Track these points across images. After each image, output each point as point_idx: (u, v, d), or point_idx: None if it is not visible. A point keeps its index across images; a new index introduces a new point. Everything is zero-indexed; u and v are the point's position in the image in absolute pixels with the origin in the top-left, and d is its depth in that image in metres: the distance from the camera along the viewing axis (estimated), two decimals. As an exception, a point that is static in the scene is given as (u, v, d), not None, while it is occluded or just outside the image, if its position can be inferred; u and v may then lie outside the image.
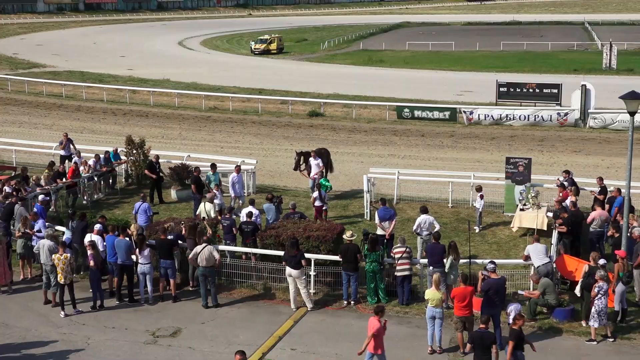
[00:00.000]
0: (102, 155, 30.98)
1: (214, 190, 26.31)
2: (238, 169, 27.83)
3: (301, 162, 29.68)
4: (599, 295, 18.08)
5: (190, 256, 20.56)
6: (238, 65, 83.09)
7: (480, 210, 25.89)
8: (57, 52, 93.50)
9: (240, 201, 27.50)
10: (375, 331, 16.01)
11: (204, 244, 20.40)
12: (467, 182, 28.88)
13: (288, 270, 19.94)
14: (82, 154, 31.16)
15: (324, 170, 29.16)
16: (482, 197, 25.75)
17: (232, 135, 44.66)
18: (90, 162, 30.47)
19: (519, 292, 19.65)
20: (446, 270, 19.65)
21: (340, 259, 20.34)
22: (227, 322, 19.59)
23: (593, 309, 18.12)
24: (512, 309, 17.94)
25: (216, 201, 25.66)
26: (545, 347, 17.68)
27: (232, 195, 27.52)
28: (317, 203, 26.18)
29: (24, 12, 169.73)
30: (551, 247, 21.30)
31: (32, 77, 66.43)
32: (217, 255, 20.43)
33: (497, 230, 26.09)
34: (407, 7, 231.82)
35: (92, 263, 20.26)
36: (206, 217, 23.25)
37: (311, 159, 29.00)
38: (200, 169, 28.65)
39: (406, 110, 49.01)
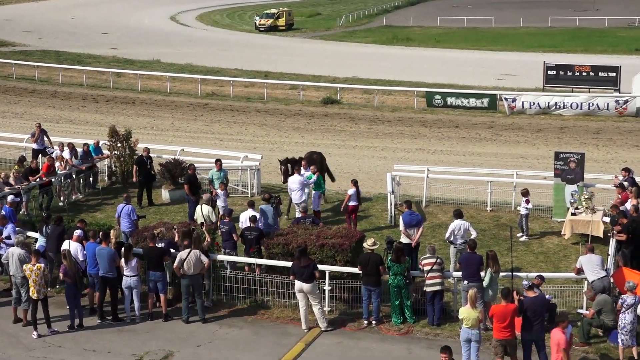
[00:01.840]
0: (80, 149, 31.02)
1: (218, 190, 26.32)
2: (306, 164, 27.41)
3: (290, 173, 29.20)
4: (623, 310, 18.12)
5: (175, 264, 20.61)
6: (240, 44, 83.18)
7: (525, 214, 25.76)
8: (29, 29, 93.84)
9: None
10: (564, 345, 16.17)
11: (188, 249, 20.47)
12: (509, 182, 28.78)
13: (298, 284, 19.93)
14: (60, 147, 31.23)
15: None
16: (528, 201, 25.63)
17: (233, 126, 44.71)
18: (65, 153, 30.50)
19: (579, 310, 19.60)
20: (484, 285, 19.62)
21: (360, 272, 20.33)
22: (227, 344, 19.61)
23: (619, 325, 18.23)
24: (562, 330, 17.92)
25: (220, 203, 25.67)
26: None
27: (298, 201, 26.39)
28: (352, 202, 26.14)
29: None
30: (608, 258, 21.19)
31: (0, 57, 66.70)
32: (205, 260, 20.51)
33: (544, 238, 26.00)
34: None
35: (61, 275, 20.33)
36: (204, 222, 23.29)
37: (302, 170, 28.33)
38: (196, 165, 28.66)
39: (437, 97, 48.91)
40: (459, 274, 20.22)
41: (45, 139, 33.31)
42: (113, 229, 22.09)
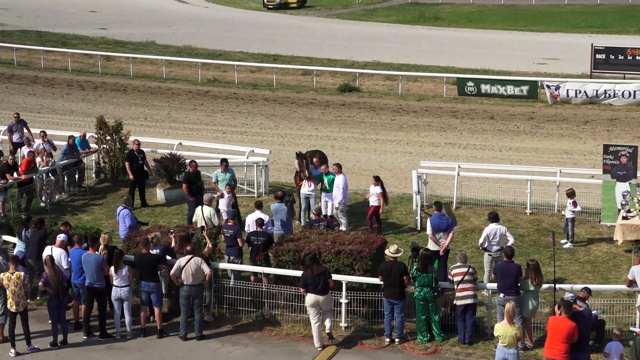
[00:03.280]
0: (63, 143, 31.07)
1: (224, 192, 26.31)
2: (337, 168, 27.39)
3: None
4: None
5: (172, 271, 20.63)
6: (246, 24, 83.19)
7: (571, 218, 25.67)
8: (6, 6, 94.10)
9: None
10: None
11: (188, 256, 20.48)
12: (551, 181, 28.74)
13: (312, 297, 19.90)
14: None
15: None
16: (575, 204, 25.52)
17: (237, 116, 44.75)
18: (36, 144, 30.48)
19: (631, 328, 19.53)
20: (531, 303, 19.56)
21: (381, 282, 20.35)
22: (230, 364, 19.68)
23: None
24: (612, 349, 17.84)
25: (222, 206, 25.63)
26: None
27: (339, 203, 26.68)
28: (375, 202, 26.18)
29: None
30: (664, 268, 21.14)
31: (-26, 38, 66.99)
32: (207, 269, 20.53)
33: (591, 245, 25.95)
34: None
35: (41, 284, 20.40)
36: (205, 226, 23.29)
37: (311, 168, 27.96)
38: (197, 162, 28.58)
39: (470, 83, 48.82)
40: (494, 285, 20.20)
41: (25, 130, 33.30)
42: (103, 234, 22.07)
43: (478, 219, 27.65)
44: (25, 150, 30.72)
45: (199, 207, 24.51)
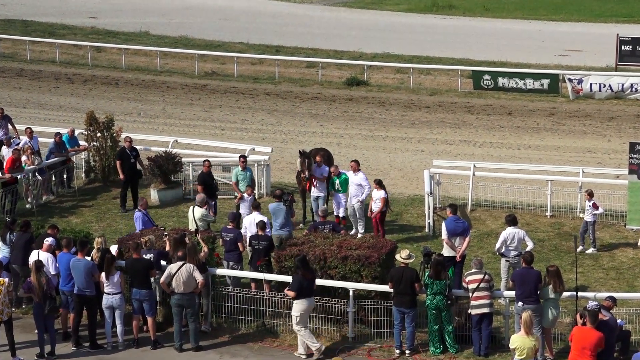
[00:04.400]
0: (50, 140, 31.10)
1: (245, 194, 26.31)
2: (356, 165, 27.48)
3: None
4: None
5: (162, 279, 20.63)
6: (246, 12, 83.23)
7: (592, 222, 25.67)
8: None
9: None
10: None
11: (180, 262, 20.50)
12: (573, 181, 28.74)
13: (306, 303, 20.02)
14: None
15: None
16: (595, 206, 25.51)
17: (237, 112, 44.77)
18: (22, 141, 30.48)
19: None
20: (551, 312, 19.59)
21: (391, 290, 20.37)
22: (229, 377, 19.73)
23: None
24: (641, 362, 17.92)
25: (244, 210, 25.59)
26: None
27: (364, 197, 26.97)
28: (377, 206, 26.28)
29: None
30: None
31: (-45, 28, 67.04)
32: (199, 277, 20.52)
33: (616, 250, 25.95)
34: None
35: (21, 291, 20.46)
36: (198, 228, 23.30)
37: (314, 166, 28.08)
38: (210, 161, 28.49)
39: (486, 77, 48.81)
40: (512, 293, 20.21)
41: (10, 126, 33.27)
42: (98, 238, 22.05)
43: (495, 222, 27.67)
44: (5, 149, 30.60)
45: (190, 208, 24.55)
